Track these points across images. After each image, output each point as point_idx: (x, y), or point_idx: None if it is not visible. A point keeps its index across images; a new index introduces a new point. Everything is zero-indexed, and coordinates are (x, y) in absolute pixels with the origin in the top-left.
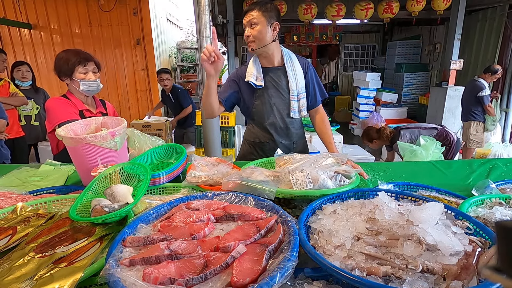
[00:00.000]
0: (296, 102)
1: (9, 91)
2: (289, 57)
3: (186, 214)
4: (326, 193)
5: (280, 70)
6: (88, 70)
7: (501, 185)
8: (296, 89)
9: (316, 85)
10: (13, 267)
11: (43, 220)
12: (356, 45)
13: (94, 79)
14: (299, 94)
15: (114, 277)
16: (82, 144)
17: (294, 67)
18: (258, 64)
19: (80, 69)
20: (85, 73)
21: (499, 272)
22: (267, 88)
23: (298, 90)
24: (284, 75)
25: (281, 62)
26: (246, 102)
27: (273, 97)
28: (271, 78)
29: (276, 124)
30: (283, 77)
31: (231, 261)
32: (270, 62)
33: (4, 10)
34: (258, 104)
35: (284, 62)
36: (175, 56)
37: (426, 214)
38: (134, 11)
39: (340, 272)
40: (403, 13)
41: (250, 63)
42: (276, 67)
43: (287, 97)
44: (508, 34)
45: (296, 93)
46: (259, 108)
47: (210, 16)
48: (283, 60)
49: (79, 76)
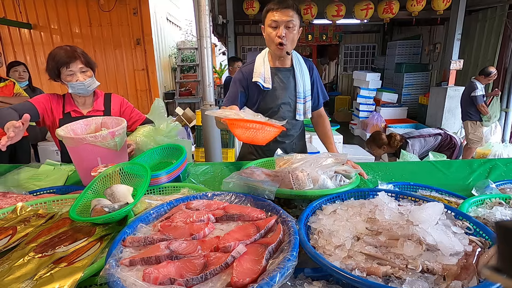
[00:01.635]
0: (302, 105)
1: (13, 91)
2: (298, 59)
3: (186, 214)
4: (326, 193)
5: (289, 71)
6: (73, 71)
7: (501, 185)
8: (303, 92)
9: (319, 88)
10: (13, 267)
11: (43, 220)
12: (356, 45)
13: (81, 80)
14: (305, 97)
15: (114, 277)
16: (82, 144)
17: (302, 69)
18: (267, 63)
19: (64, 71)
20: (71, 74)
21: (499, 272)
22: (275, 89)
23: (305, 92)
24: (292, 77)
25: (290, 63)
26: (252, 101)
27: (280, 99)
28: (280, 79)
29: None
30: (292, 79)
31: (231, 261)
32: (282, 63)
33: (4, 10)
34: (263, 105)
35: (293, 64)
36: (175, 56)
37: (426, 214)
38: (134, 11)
39: (340, 272)
40: (403, 13)
41: (257, 62)
42: (286, 68)
43: (294, 100)
44: (508, 34)
45: (303, 95)
46: (265, 108)
47: (210, 16)
48: (292, 62)
49: (65, 78)
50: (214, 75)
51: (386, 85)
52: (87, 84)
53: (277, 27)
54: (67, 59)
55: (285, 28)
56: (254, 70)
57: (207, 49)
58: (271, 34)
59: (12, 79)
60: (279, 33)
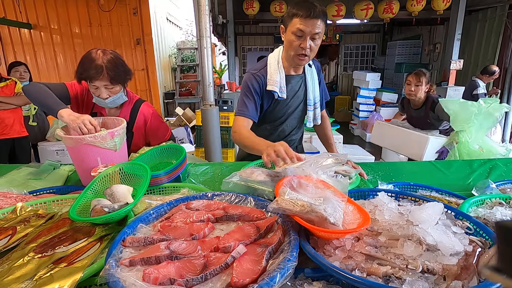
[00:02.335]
0: (311, 112)
1: (14, 90)
2: (308, 63)
3: (186, 214)
4: None
5: (301, 78)
6: (97, 86)
7: (501, 185)
8: (313, 99)
9: (323, 89)
10: (12, 267)
11: (43, 220)
12: (356, 45)
13: (103, 97)
14: (315, 103)
15: (114, 277)
16: (81, 144)
17: (313, 75)
18: (282, 71)
19: (88, 83)
20: (95, 89)
21: (499, 272)
22: (287, 99)
23: (315, 99)
24: (303, 84)
25: (302, 70)
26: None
27: (291, 107)
28: (292, 87)
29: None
30: (303, 86)
31: (231, 261)
32: (296, 70)
33: (4, 10)
34: (272, 114)
35: (305, 70)
36: (175, 56)
37: (426, 214)
38: (134, 11)
39: (340, 272)
40: (403, 13)
41: (271, 68)
42: (298, 75)
43: (303, 107)
44: (508, 34)
45: (313, 102)
46: (273, 116)
47: (210, 16)
48: (304, 68)
49: (90, 89)
50: (214, 75)
51: (386, 85)
52: (109, 102)
53: (302, 36)
54: (93, 73)
55: (311, 39)
56: (268, 77)
57: (207, 49)
58: (294, 42)
59: (15, 79)
60: (303, 45)
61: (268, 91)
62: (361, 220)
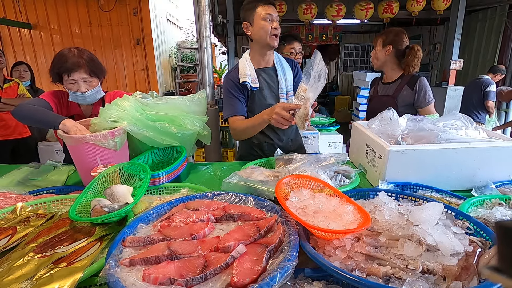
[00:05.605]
0: (285, 101)
1: (17, 92)
2: (278, 57)
3: (186, 214)
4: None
5: (273, 70)
6: (75, 80)
7: (501, 185)
8: (285, 88)
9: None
10: (12, 267)
11: (43, 220)
12: (356, 45)
13: (82, 91)
14: (287, 92)
15: (114, 277)
16: (82, 143)
17: (283, 66)
18: (251, 65)
19: (66, 78)
20: (73, 83)
21: (499, 272)
22: (262, 89)
23: (287, 88)
24: (275, 75)
25: (272, 62)
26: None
27: (268, 98)
28: (264, 79)
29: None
30: (275, 77)
31: (231, 261)
32: (266, 63)
33: (4, 10)
34: (252, 106)
35: (275, 62)
36: (175, 56)
37: (426, 214)
38: (134, 11)
39: (340, 272)
40: (403, 13)
41: (241, 64)
42: (269, 67)
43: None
44: (508, 34)
45: (285, 91)
46: (253, 108)
47: (210, 16)
48: (274, 61)
49: (66, 85)
50: (214, 75)
51: None
52: (87, 96)
53: (270, 19)
54: (71, 66)
55: (276, 21)
56: (240, 72)
57: (207, 49)
58: (266, 26)
59: (17, 80)
60: (274, 25)
61: (243, 85)
62: (361, 220)
